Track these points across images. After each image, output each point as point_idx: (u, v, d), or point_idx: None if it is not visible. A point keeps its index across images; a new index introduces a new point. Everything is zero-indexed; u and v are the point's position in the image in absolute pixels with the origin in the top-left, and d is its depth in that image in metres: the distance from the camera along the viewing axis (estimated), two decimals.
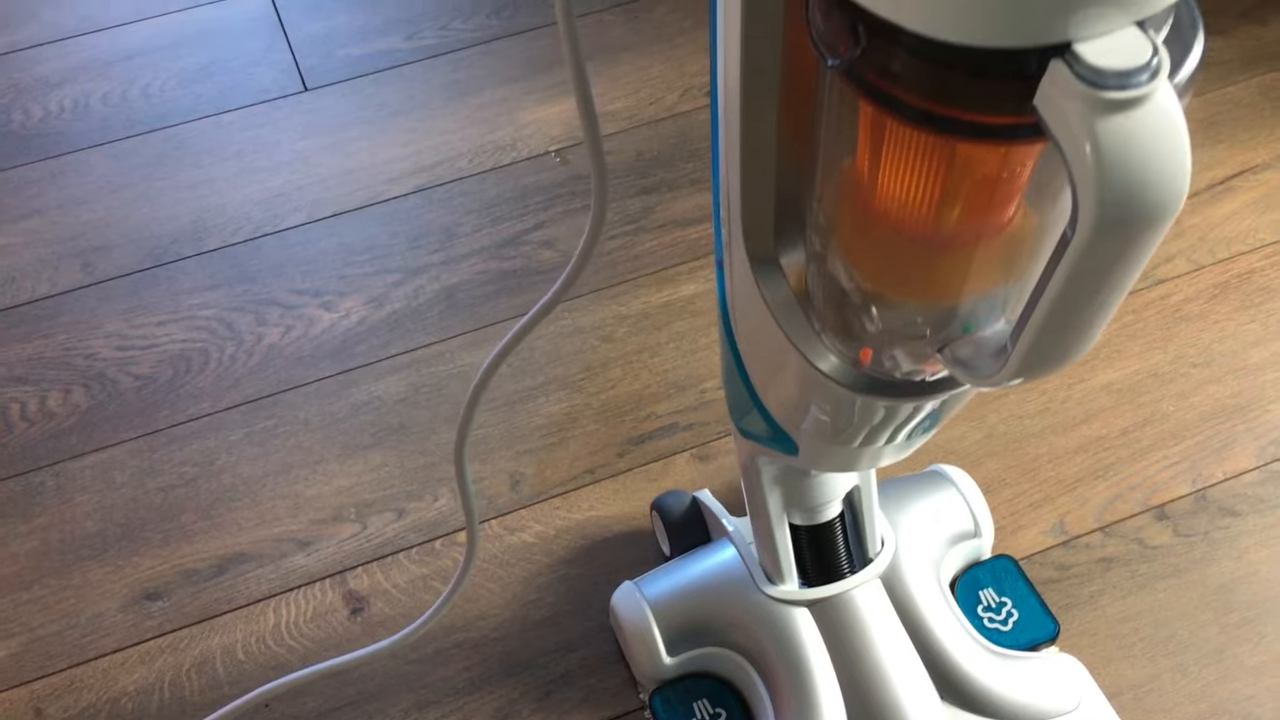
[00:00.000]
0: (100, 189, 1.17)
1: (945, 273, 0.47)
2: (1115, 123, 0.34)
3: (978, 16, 0.34)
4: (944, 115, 0.38)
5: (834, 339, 0.53)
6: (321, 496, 0.95)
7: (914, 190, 0.43)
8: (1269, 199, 1.10)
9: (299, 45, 1.29)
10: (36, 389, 1.02)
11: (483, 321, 1.05)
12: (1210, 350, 1.00)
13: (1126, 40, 0.35)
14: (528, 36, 1.29)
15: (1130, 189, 0.35)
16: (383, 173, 1.17)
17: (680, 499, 0.89)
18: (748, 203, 0.51)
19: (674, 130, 1.20)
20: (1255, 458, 0.94)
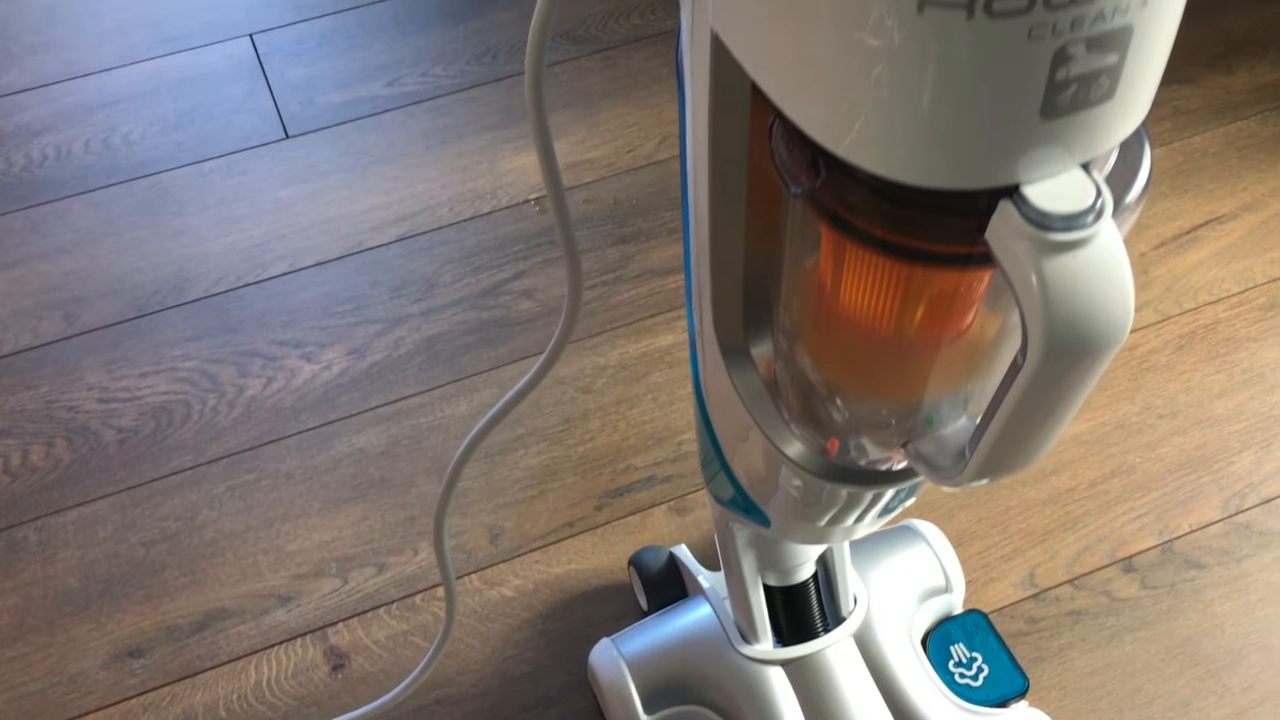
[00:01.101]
0: (83, 238, 1.18)
1: (907, 374, 0.49)
2: (1061, 263, 0.36)
3: (928, 161, 0.36)
4: (900, 244, 0.40)
5: (802, 427, 0.55)
6: (303, 551, 0.96)
7: (874, 302, 0.44)
8: (1234, 249, 1.12)
9: (280, 92, 1.30)
10: (19, 442, 1.03)
11: (463, 373, 1.07)
12: (1176, 401, 1.02)
13: (1071, 183, 0.37)
14: (507, 84, 1.31)
15: (1076, 324, 0.37)
16: (364, 221, 1.18)
17: (658, 555, 0.90)
18: (718, 299, 0.53)
19: (652, 178, 1.21)
20: (1220, 510, 0.96)
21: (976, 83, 0.34)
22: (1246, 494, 0.96)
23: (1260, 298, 1.08)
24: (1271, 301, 1.08)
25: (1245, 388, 1.03)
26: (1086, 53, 0.33)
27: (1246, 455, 0.98)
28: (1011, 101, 0.34)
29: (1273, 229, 1.13)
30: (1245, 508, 0.96)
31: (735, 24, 0.39)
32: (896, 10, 0.32)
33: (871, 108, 0.35)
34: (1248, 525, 0.95)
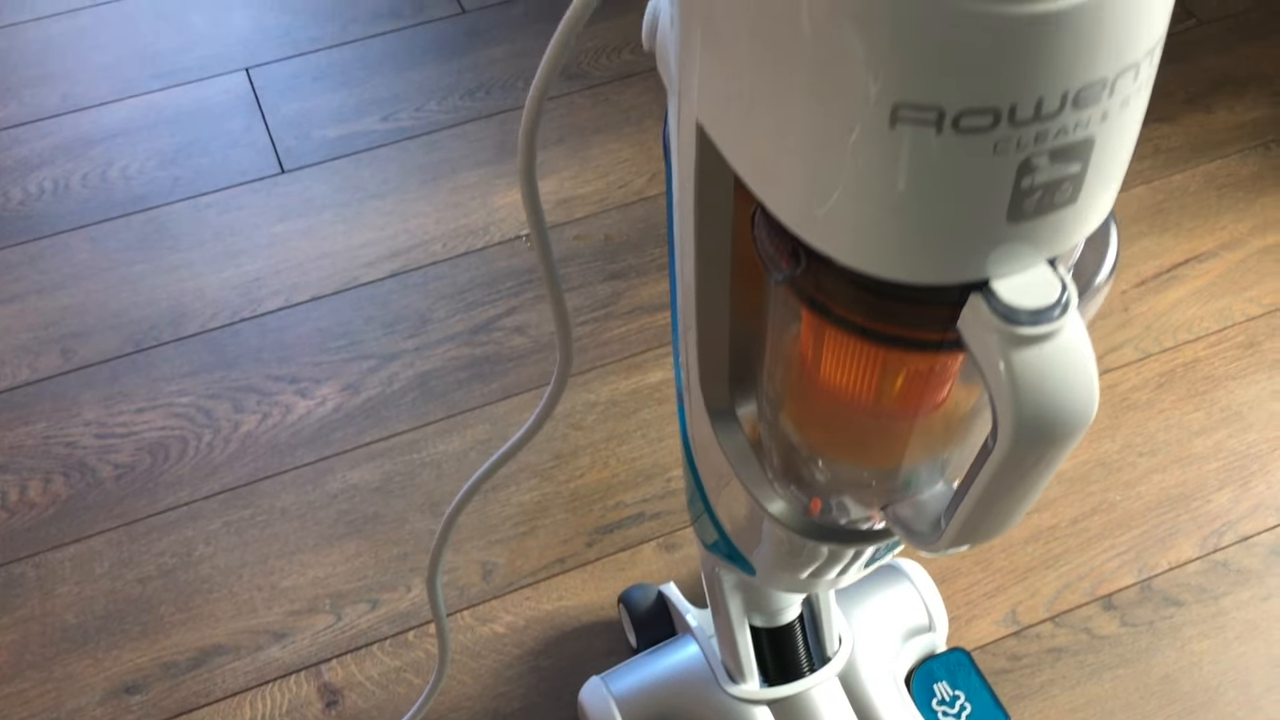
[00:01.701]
0: (80, 273, 1.19)
1: (886, 442, 0.51)
2: (1028, 355, 0.38)
3: (901, 258, 0.38)
4: (876, 329, 0.42)
5: (785, 486, 0.57)
6: (297, 587, 0.97)
7: (852, 377, 0.46)
8: (1213, 287, 1.14)
9: (276, 127, 1.32)
10: (17, 478, 1.04)
11: (455, 409, 1.08)
12: (1156, 439, 1.04)
13: (1038, 278, 0.38)
14: (500, 119, 1.32)
15: (1043, 411, 0.39)
16: (359, 256, 1.20)
17: (646, 593, 0.92)
18: (704, 364, 0.55)
19: (642, 214, 1.23)
20: (1198, 548, 0.97)
21: (946, 190, 0.35)
22: (1224, 532, 0.98)
23: (1239, 336, 1.10)
24: (1249, 340, 1.10)
25: (1223, 426, 1.05)
26: (1050, 163, 0.35)
27: (1224, 493, 1.00)
28: (979, 207, 0.36)
29: (1251, 268, 1.15)
30: (1223, 545, 0.98)
31: (718, 119, 0.41)
32: (869, 124, 0.34)
33: (847, 208, 0.37)
34: (1225, 563, 0.96)
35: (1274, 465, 1.02)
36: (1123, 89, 0.35)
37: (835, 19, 0.33)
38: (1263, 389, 1.07)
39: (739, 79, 0.38)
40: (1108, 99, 0.34)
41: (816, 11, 0.33)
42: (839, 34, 0.33)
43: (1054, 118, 0.34)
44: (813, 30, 0.34)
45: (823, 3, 0.33)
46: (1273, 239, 1.17)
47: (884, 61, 0.33)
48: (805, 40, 0.34)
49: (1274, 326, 1.11)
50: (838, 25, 0.33)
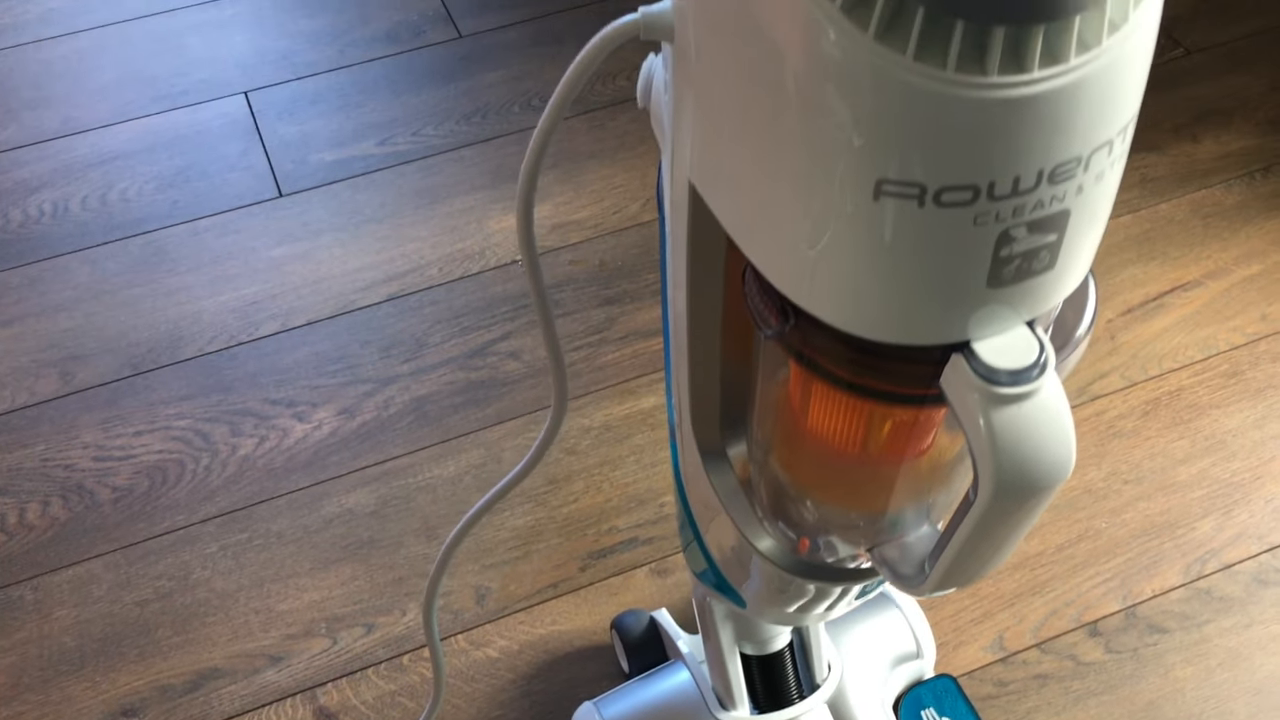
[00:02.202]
0: (79, 296, 1.20)
1: (872, 486, 0.52)
2: (1008, 413, 0.39)
3: (885, 320, 0.39)
4: (862, 384, 0.43)
5: (774, 524, 0.58)
6: (293, 611, 0.99)
7: (839, 427, 0.48)
8: (1198, 316, 1.16)
9: (274, 150, 1.33)
10: (16, 500, 1.05)
11: (451, 434, 1.09)
12: (1141, 467, 1.06)
13: (1018, 339, 0.40)
14: (496, 144, 1.34)
15: (1022, 469, 0.40)
16: (355, 281, 1.21)
17: (639, 619, 0.93)
18: (696, 406, 0.56)
19: (637, 239, 1.25)
20: (1182, 575, 0.99)
21: (927, 259, 0.37)
22: (1207, 559, 1.00)
23: (1222, 365, 1.12)
24: (1233, 369, 1.12)
25: (1207, 454, 1.06)
26: (1028, 234, 0.37)
27: (1208, 521, 1.02)
28: (960, 274, 0.37)
29: (1234, 297, 1.17)
30: (1206, 573, 0.99)
31: (709, 182, 0.42)
32: (854, 196, 0.36)
33: (833, 273, 0.39)
34: (1208, 591, 0.98)
35: (1256, 494, 1.03)
36: (1097, 164, 0.36)
37: (821, 99, 0.34)
38: (1246, 418, 1.08)
39: (729, 148, 0.40)
40: (1083, 174, 0.36)
41: (803, 91, 0.35)
42: (824, 113, 0.34)
43: (1031, 192, 0.35)
44: (799, 109, 0.35)
45: (808, 84, 0.34)
46: (1256, 268, 1.19)
47: (868, 141, 0.34)
48: (792, 117, 0.35)
49: (1257, 355, 1.13)
50: (823, 105, 0.34)
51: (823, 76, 0.34)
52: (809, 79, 0.34)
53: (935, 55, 0.32)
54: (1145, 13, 0.34)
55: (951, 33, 0.32)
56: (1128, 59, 0.34)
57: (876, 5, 0.32)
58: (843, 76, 0.34)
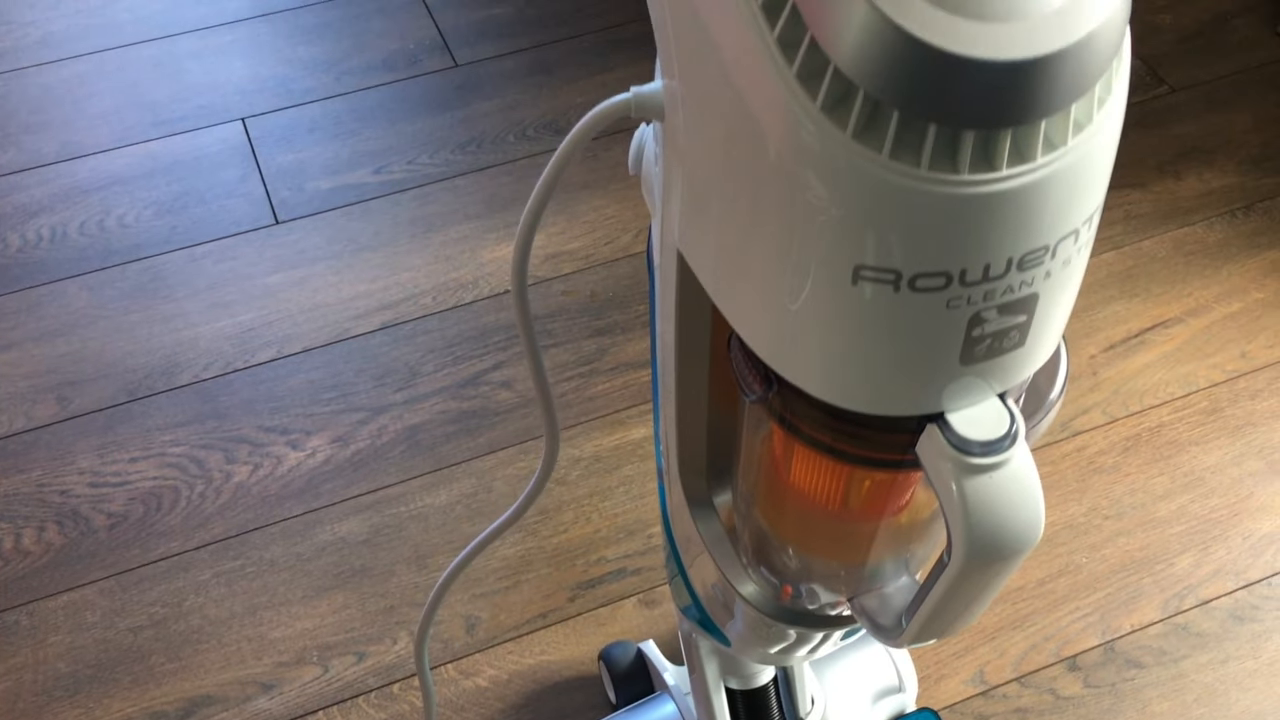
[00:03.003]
0: (77, 321, 1.22)
1: (852, 540, 0.54)
2: (980, 482, 0.41)
3: (862, 393, 0.41)
4: (841, 449, 0.45)
5: (758, 571, 0.60)
6: (285, 639, 1.00)
7: (820, 485, 0.49)
8: (1179, 353, 1.18)
9: (271, 177, 1.35)
10: (12, 526, 1.06)
11: (443, 463, 1.11)
12: (1121, 503, 1.08)
13: (989, 411, 0.42)
14: (490, 173, 1.36)
15: (993, 535, 0.42)
16: (350, 309, 1.23)
17: (626, 650, 0.95)
18: (683, 457, 0.58)
19: (628, 270, 1.27)
20: (1160, 610, 1.01)
21: (903, 338, 0.39)
22: (1185, 595, 1.02)
23: (1202, 402, 1.14)
24: (1213, 406, 1.14)
25: (1186, 490, 1.08)
26: (999, 315, 0.39)
27: (1186, 557, 1.04)
28: (934, 352, 0.39)
29: (1214, 334, 1.19)
30: (1184, 609, 1.01)
31: (696, 253, 0.44)
32: (833, 279, 0.37)
33: (813, 348, 0.40)
34: (1185, 626, 1.00)
35: (1234, 531, 1.05)
36: (1064, 251, 0.38)
37: (801, 190, 0.36)
38: (1224, 454, 1.10)
39: (715, 226, 0.42)
40: (1050, 261, 0.38)
41: (784, 182, 0.36)
42: (805, 203, 0.36)
43: (1001, 278, 0.37)
44: (781, 197, 0.37)
45: (790, 175, 0.36)
46: (1237, 306, 1.21)
47: (846, 230, 0.36)
48: (775, 205, 0.37)
49: (1236, 393, 1.15)
50: (804, 196, 0.36)
51: (804, 170, 0.36)
52: (791, 171, 0.36)
53: (909, 154, 0.34)
54: (1109, 113, 0.36)
55: (924, 135, 0.34)
56: (1092, 155, 0.36)
57: (855, 107, 0.34)
58: (822, 171, 0.35)
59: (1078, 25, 0.33)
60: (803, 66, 0.34)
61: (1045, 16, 0.33)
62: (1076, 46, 0.33)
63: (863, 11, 0.32)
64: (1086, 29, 0.33)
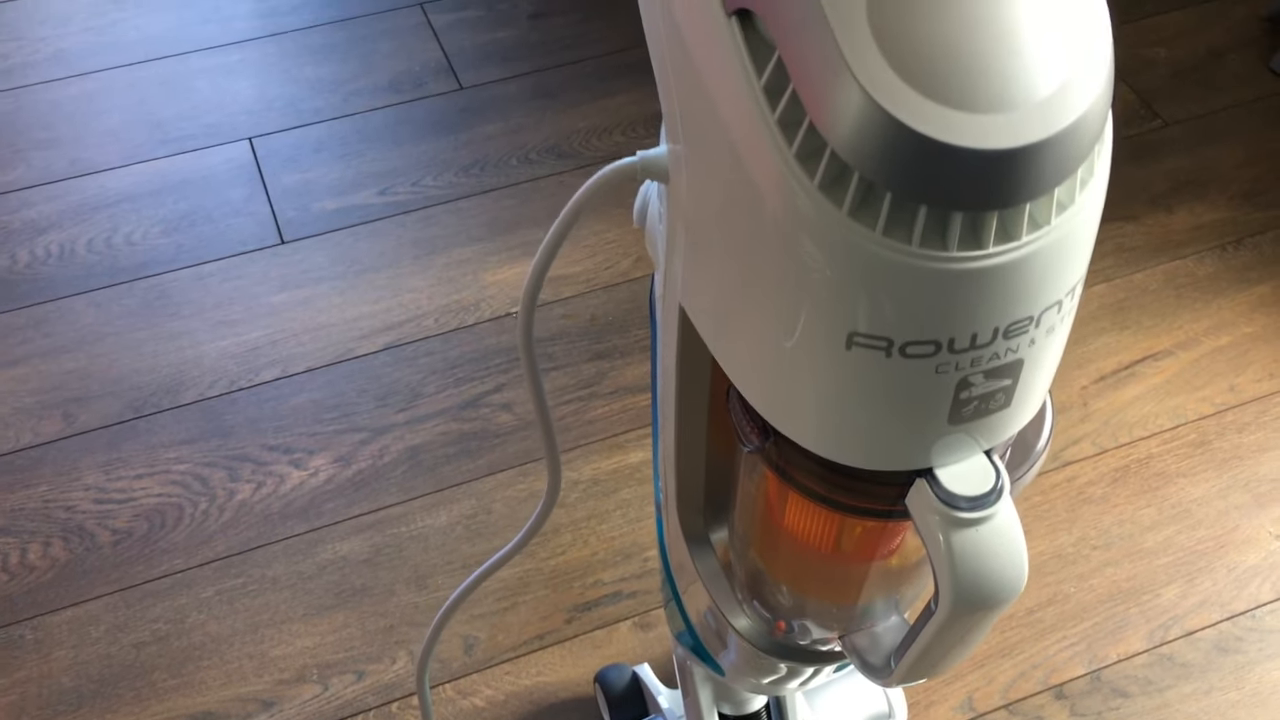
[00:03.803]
0: (83, 338, 1.23)
1: (844, 580, 0.56)
2: (966, 535, 0.43)
3: (854, 448, 0.43)
4: (834, 499, 0.47)
5: (751, 607, 0.62)
6: (286, 656, 1.02)
7: (813, 529, 0.51)
8: (1169, 385, 1.20)
9: (277, 197, 1.37)
10: (18, 540, 1.08)
11: (443, 484, 1.13)
12: (1110, 533, 1.10)
13: (976, 467, 0.44)
14: (493, 196, 1.38)
15: (978, 584, 0.44)
16: (354, 329, 1.25)
17: (621, 673, 0.97)
18: (681, 496, 0.60)
19: (628, 295, 1.29)
20: (1145, 640, 1.03)
21: (894, 400, 0.41)
22: (1170, 626, 1.03)
23: (1190, 434, 1.16)
24: (1201, 439, 1.16)
25: (1174, 522, 1.10)
26: (985, 380, 0.41)
27: (1172, 588, 1.06)
28: (923, 413, 0.41)
29: (1203, 367, 1.21)
30: (1169, 639, 1.03)
31: (698, 310, 0.46)
32: (828, 345, 0.39)
33: (808, 406, 0.42)
34: (1170, 656, 1.02)
35: (1219, 563, 1.07)
36: (1048, 320, 0.40)
37: (799, 262, 0.38)
38: (1211, 487, 1.12)
39: (716, 287, 0.43)
40: (1034, 329, 0.40)
41: (783, 253, 0.38)
42: (802, 273, 0.38)
43: (987, 346, 0.39)
44: (779, 267, 0.39)
45: (788, 248, 0.38)
46: (1226, 339, 1.24)
47: (841, 299, 0.38)
48: (773, 274, 0.39)
49: (1224, 426, 1.17)
50: (801, 267, 0.38)
51: (801, 242, 0.38)
52: (788, 242, 0.38)
53: (901, 231, 0.36)
54: (1091, 193, 0.38)
55: (916, 215, 0.36)
56: (1075, 233, 0.38)
57: (850, 186, 0.36)
58: (819, 244, 0.37)
59: (1062, 115, 0.35)
60: (801, 147, 0.36)
61: (1031, 108, 0.35)
62: (1060, 135, 0.35)
63: (858, 100, 0.34)
64: (1070, 119, 0.35)
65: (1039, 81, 0.35)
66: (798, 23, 0.35)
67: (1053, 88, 0.35)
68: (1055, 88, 0.35)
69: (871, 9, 0.35)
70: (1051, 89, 0.35)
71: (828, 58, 0.35)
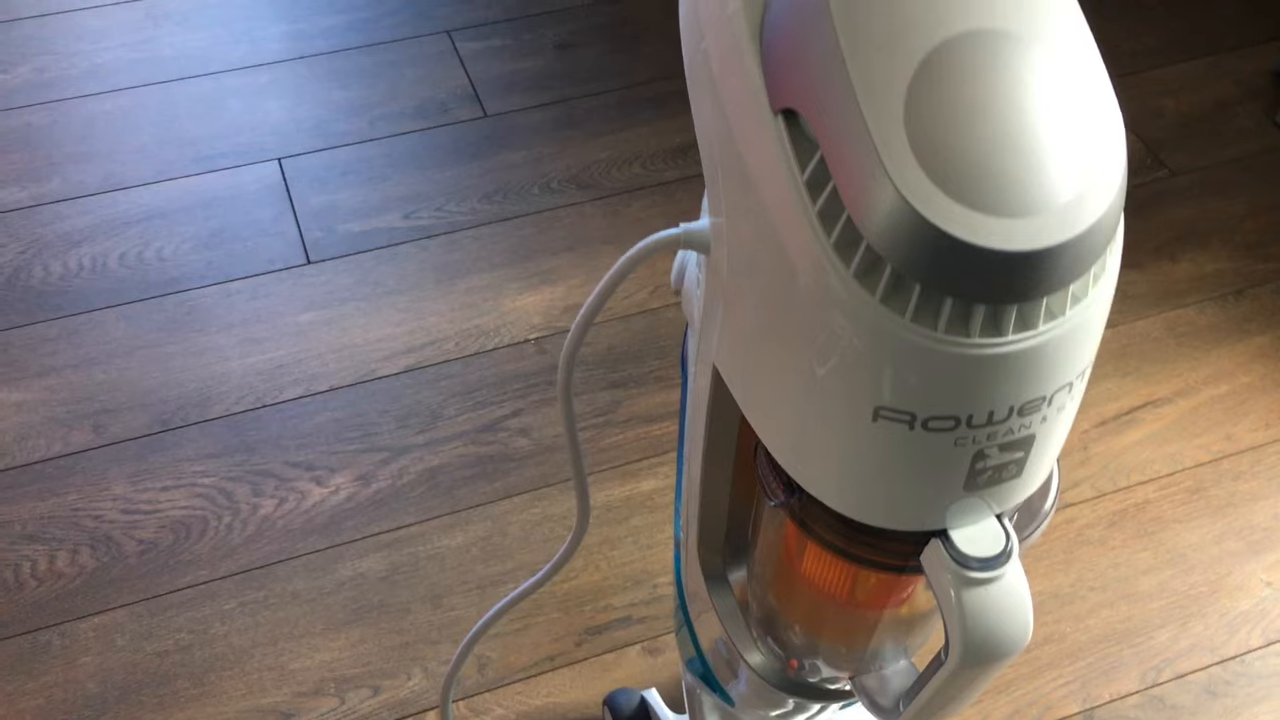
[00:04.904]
0: (114, 350, 1.27)
1: (857, 625, 0.59)
2: (977, 593, 0.47)
3: (875, 509, 0.46)
4: (853, 553, 0.50)
5: (766, 643, 0.65)
6: (305, 670, 1.05)
7: (830, 577, 0.55)
8: (1167, 432, 1.24)
9: (304, 217, 1.40)
10: (47, 548, 1.11)
11: (460, 505, 1.16)
12: (1106, 575, 1.13)
13: (988, 530, 0.47)
14: (514, 223, 1.41)
15: (986, 639, 0.47)
16: (376, 350, 1.28)
17: (630, 697, 1.00)
18: (702, 536, 0.63)
19: (644, 326, 1.32)
20: (1138, 681, 1.06)
21: (914, 468, 0.44)
22: (1162, 668, 1.07)
23: (1187, 481, 1.19)
24: (1197, 486, 1.19)
25: (1168, 566, 1.13)
26: (999, 452, 0.44)
27: (1165, 631, 1.09)
28: (941, 480, 0.45)
29: (1201, 415, 1.24)
30: (1160, 681, 1.06)
31: (731, 373, 0.50)
32: (855, 416, 0.43)
33: (834, 470, 0.46)
34: (1161, 698, 1.05)
35: (1211, 607, 1.10)
36: (1059, 400, 0.43)
37: (832, 340, 0.41)
38: (1206, 533, 1.16)
39: (751, 356, 0.47)
40: (1047, 408, 0.43)
41: (817, 332, 0.42)
42: (835, 351, 0.42)
43: (1003, 422, 0.43)
44: (814, 344, 0.42)
45: (822, 327, 0.41)
46: (1224, 388, 1.27)
47: (870, 376, 0.41)
48: (808, 349, 0.43)
49: (1220, 474, 1.20)
50: (834, 345, 0.41)
51: (834, 323, 0.41)
52: (823, 322, 0.41)
53: (928, 319, 0.39)
54: (1102, 287, 0.41)
55: (942, 305, 0.39)
56: (1088, 322, 0.42)
57: (883, 276, 0.39)
58: (851, 326, 0.41)
59: (1079, 221, 0.38)
60: (839, 238, 0.40)
61: (1051, 213, 0.38)
62: (1077, 239, 0.38)
63: (894, 201, 0.38)
64: (1086, 224, 0.39)
65: (1059, 189, 0.38)
66: (841, 128, 0.39)
67: (1071, 195, 0.38)
68: (1073, 195, 0.38)
69: (909, 120, 0.38)
70: (1070, 196, 0.38)
71: (867, 161, 0.38)
